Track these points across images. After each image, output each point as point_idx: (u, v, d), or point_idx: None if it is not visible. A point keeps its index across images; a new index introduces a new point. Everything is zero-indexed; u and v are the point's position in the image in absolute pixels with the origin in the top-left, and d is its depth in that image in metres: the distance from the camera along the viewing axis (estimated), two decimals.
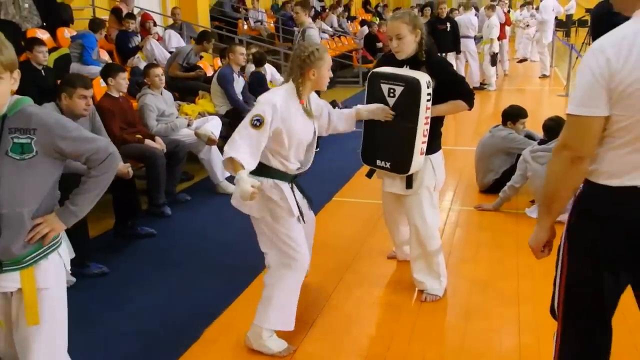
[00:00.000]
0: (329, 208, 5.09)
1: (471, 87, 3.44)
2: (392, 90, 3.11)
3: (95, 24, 7.43)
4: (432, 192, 3.35)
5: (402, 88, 3.07)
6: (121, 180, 4.25)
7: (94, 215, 3.95)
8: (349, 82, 12.59)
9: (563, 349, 2.05)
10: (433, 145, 3.28)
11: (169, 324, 3.26)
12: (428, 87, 3.03)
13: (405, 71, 3.15)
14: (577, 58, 10.35)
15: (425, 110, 3.06)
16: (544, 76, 12.71)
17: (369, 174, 3.51)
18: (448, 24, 10.06)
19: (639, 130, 1.73)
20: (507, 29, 13.39)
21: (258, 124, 2.66)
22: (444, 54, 9.54)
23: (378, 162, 3.29)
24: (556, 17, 14.15)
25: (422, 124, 3.07)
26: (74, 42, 7.04)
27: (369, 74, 3.30)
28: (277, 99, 2.75)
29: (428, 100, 3.05)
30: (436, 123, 3.27)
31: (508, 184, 4.74)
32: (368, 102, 3.25)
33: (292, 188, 2.92)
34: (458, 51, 10.49)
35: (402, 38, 3.13)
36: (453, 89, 3.21)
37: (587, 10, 22.02)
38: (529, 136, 5.24)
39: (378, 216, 4.60)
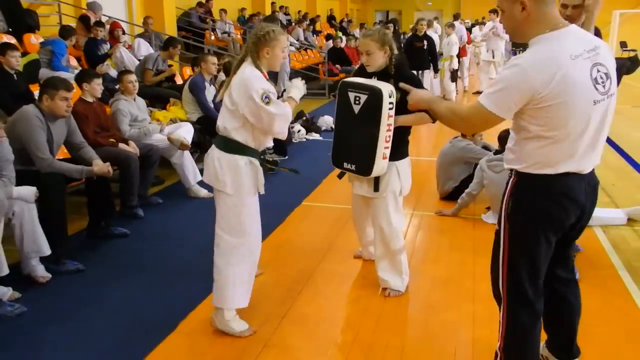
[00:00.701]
0: (298, 212, 5.30)
1: None
2: (357, 98, 3.36)
3: (66, 31, 7.53)
4: (397, 196, 3.58)
5: (366, 96, 3.32)
6: (97, 181, 4.41)
7: (68, 216, 4.12)
8: (316, 93, 12.88)
9: (510, 322, 2.41)
10: (399, 152, 3.53)
11: (144, 319, 3.39)
12: (390, 97, 3.26)
13: (371, 81, 3.40)
14: None
15: (388, 118, 3.29)
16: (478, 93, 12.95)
17: (340, 175, 3.73)
18: (425, 42, 10.12)
19: (561, 134, 2.17)
20: (468, 47, 13.83)
21: (268, 100, 2.92)
22: (420, 72, 9.74)
23: (345, 165, 3.52)
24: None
25: (384, 130, 3.30)
26: (43, 48, 7.10)
27: (340, 82, 3.54)
28: (258, 74, 2.99)
29: (390, 109, 3.28)
30: (403, 132, 3.51)
31: (466, 191, 5.04)
32: (337, 109, 3.51)
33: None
34: (435, 69, 10.61)
35: (371, 54, 3.42)
36: None
37: None
38: (486, 147, 5.56)
39: (345, 219, 4.86)
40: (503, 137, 4.98)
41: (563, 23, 2.18)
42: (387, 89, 3.28)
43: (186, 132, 5.75)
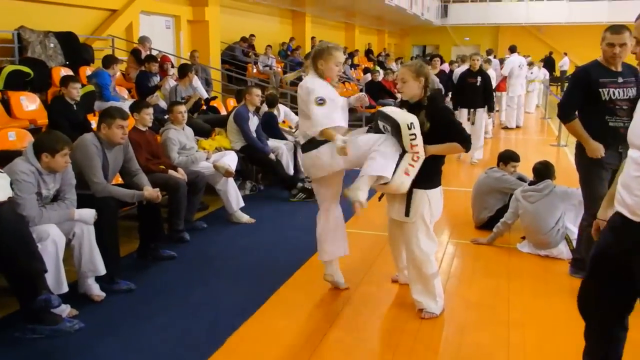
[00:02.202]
0: None
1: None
2: (385, 127, 3.66)
3: (107, 60, 7.84)
4: (427, 223, 3.73)
5: (390, 126, 3.59)
6: (148, 205, 4.68)
7: (120, 239, 4.38)
8: (353, 125, 13.05)
9: None
10: (432, 181, 3.71)
11: (192, 335, 3.59)
12: (410, 128, 3.45)
13: (397, 113, 3.60)
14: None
15: (411, 148, 3.50)
16: (506, 128, 12.97)
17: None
18: (479, 78, 9.11)
19: None
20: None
21: (322, 102, 3.60)
22: (472, 110, 9.10)
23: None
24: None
25: (409, 155, 3.52)
26: (90, 81, 7.46)
27: (377, 111, 3.83)
28: (310, 80, 3.74)
29: (412, 139, 3.47)
30: (435, 161, 3.69)
31: (501, 220, 5.14)
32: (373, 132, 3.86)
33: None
34: (490, 108, 9.32)
35: (406, 82, 3.68)
36: (449, 132, 3.62)
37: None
38: (521, 178, 5.68)
39: (381, 246, 5.02)
40: (537, 169, 5.11)
41: None
42: (406, 122, 3.47)
43: (231, 160, 6.03)
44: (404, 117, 3.52)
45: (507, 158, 5.72)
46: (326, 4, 17.32)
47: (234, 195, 5.91)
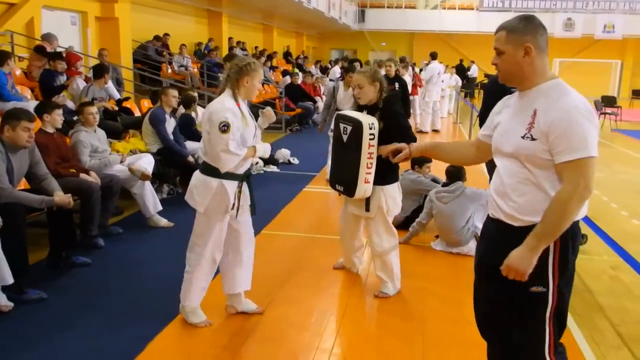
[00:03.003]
0: (258, 240, 5.42)
1: None
2: (345, 129, 3.84)
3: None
4: (385, 215, 4.05)
5: (351, 127, 3.78)
6: (59, 211, 4.47)
7: (29, 246, 4.17)
8: (273, 127, 13.09)
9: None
10: (387, 178, 3.99)
11: (106, 347, 3.46)
12: (370, 129, 3.73)
13: (357, 114, 3.85)
14: (477, 116, 11.37)
15: (369, 147, 3.74)
16: (421, 132, 13.30)
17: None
18: (397, 84, 9.12)
19: None
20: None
21: (225, 128, 3.25)
22: None
23: (337, 186, 4.01)
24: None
25: (365, 157, 3.75)
26: None
27: (335, 115, 4.04)
28: (228, 104, 3.35)
29: (371, 139, 3.73)
30: (387, 161, 3.85)
31: (416, 220, 5.34)
32: (333, 138, 4.09)
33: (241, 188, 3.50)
34: (408, 114, 9.42)
35: (362, 87, 3.89)
36: (398, 133, 3.83)
37: (486, 75, 24.13)
38: (435, 180, 5.90)
39: (304, 246, 5.08)
40: (450, 171, 5.35)
41: (552, 74, 2.27)
42: (367, 122, 3.74)
43: (147, 163, 5.87)
44: (365, 118, 3.77)
45: (420, 161, 5.92)
46: (244, 5, 17.22)
47: (150, 199, 5.76)
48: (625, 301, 4.37)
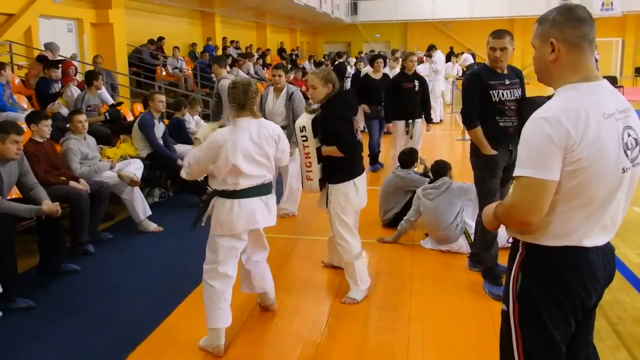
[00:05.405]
0: None
1: None
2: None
3: None
4: (338, 212, 4.07)
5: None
6: (47, 219, 4.52)
7: (17, 254, 4.21)
8: None
9: None
10: (335, 177, 4.04)
11: (94, 354, 3.50)
12: (301, 131, 3.92)
13: (302, 116, 4.05)
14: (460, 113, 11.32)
15: (304, 148, 3.95)
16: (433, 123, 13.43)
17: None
18: (416, 82, 7.54)
19: (583, 200, 1.87)
20: None
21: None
22: (411, 121, 7.47)
23: None
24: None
25: (302, 157, 4.01)
26: None
27: None
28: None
29: (304, 141, 3.94)
30: (333, 159, 3.99)
31: (404, 218, 5.33)
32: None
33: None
34: (428, 119, 7.90)
35: (316, 88, 3.98)
36: (330, 134, 3.95)
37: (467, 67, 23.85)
38: (426, 175, 5.90)
39: (291, 249, 5.08)
40: (434, 169, 5.39)
41: (596, 77, 1.93)
42: (298, 125, 3.94)
43: (136, 169, 5.92)
44: (299, 121, 3.95)
45: (408, 163, 5.94)
46: (235, 4, 17.21)
47: (140, 204, 5.81)
48: (621, 295, 4.19)
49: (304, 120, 3.96)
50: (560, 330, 1.97)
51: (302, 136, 3.92)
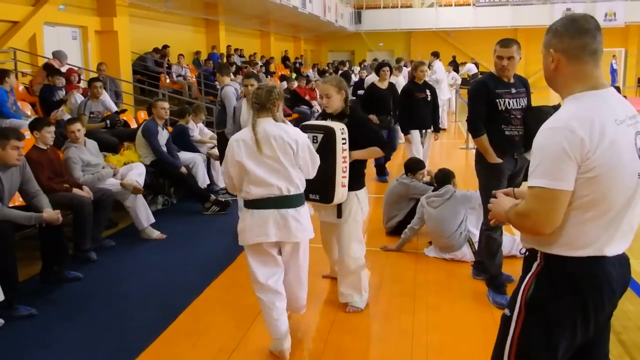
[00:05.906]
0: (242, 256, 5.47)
1: None
2: (315, 137, 3.82)
3: None
4: (358, 221, 4.05)
5: (322, 135, 3.80)
6: (50, 227, 4.51)
7: (20, 261, 4.21)
8: None
9: None
10: (358, 183, 4.05)
11: (97, 359, 3.50)
12: (342, 133, 3.79)
13: (325, 122, 3.93)
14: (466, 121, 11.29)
15: (342, 152, 3.79)
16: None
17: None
18: (428, 92, 7.54)
19: (602, 208, 1.86)
20: None
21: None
22: (424, 131, 7.60)
23: (310, 196, 3.89)
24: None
25: (340, 162, 3.80)
26: None
27: (299, 126, 3.92)
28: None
29: (344, 144, 3.79)
30: (359, 164, 4.05)
31: (408, 226, 5.31)
32: None
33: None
34: (437, 128, 7.82)
35: (330, 97, 3.95)
36: (368, 137, 3.97)
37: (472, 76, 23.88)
38: (430, 184, 5.88)
39: None
40: (438, 177, 5.38)
41: (604, 84, 1.94)
42: (338, 127, 3.81)
43: (137, 175, 5.92)
44: (335, 124, 3.84)
45: (414, 168, 5.93)
46: (240, 12, 17.27)
47: (143, 212, 5.80)
48: (626, 304, 4.11)
49: (338, 124, 3.86)
50: (563, 344, 1.95)
51: (343, 139, 3.80)
